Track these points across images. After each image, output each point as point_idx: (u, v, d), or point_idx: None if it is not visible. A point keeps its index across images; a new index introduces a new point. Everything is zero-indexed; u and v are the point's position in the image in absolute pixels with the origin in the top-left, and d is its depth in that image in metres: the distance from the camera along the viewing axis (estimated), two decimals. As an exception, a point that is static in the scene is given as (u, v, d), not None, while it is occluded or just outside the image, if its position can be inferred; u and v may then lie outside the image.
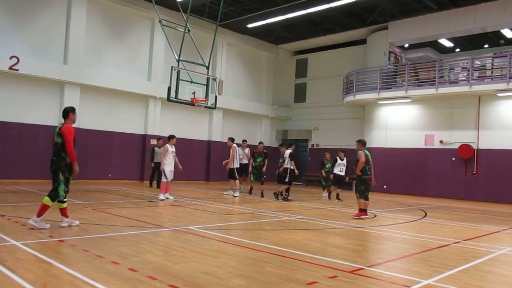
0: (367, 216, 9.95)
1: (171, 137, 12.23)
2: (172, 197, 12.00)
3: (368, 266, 5.14)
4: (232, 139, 14.62)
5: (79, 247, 5.39)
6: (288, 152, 13.56)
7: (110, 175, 18.29)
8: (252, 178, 14.94)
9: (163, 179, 12.00)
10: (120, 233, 6.55)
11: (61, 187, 6.58)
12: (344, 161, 14.57)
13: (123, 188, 15.43)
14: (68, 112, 7.08)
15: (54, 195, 6.54)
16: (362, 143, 10.44)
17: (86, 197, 11.67)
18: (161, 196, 11.77)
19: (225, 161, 14.71)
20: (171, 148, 11.99)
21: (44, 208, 6.47)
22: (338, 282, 4.37)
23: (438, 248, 6.63)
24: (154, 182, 15.94)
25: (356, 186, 10.10)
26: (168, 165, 11.92)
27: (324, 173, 15.56)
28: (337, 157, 14.69)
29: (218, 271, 4.59)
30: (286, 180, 13.50)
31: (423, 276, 4.78)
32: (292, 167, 13.48)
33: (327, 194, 15.39)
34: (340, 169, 14.52)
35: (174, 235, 6.66)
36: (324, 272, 4.74)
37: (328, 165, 15.33)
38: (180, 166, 12.29)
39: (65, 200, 6.69)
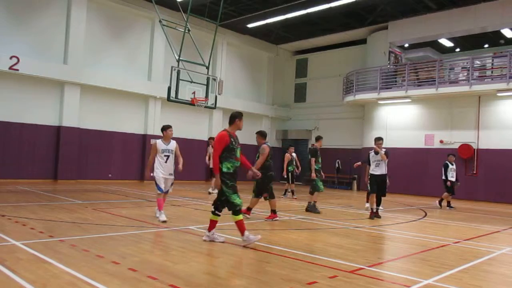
0: (277, 218, 8.93)
1: (164, 128, 8.35)
2: (163, 217, 7.93)
3: (368, 266, 5.14)
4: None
5: (79, 247, 5.39)
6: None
7: (110, 175, 18.29)
8: (321, 187, 11.00)
9: (157, 191, 8.10)
10: (120, 233, 6.55)
11: (232, 197, 5.94)
12: (454, 166, 13.53)
13: (123, 188, 15.43)
14: (235, 118, 6.32)
15: (233, 208, 5.95)
16: (262, 135, 9.14)
17: (86, 197, 11.68)
18: (161, 216, 7.95)
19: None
20: (163, 145, 8.19)
21: (240, 224, 5.98)
22: (338, 282, 4.37)
23: (438, 248, 6.63)
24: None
25: (264, 185, 8.81)
26: (160, 169, 8.10)
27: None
28: (447, 162, 13.53)
29: (218, 271, 4.60)
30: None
31: (423, 276, 4.78)
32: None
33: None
34: (452, 174, 13.39)
35: (174, 235, 6.66)
36: (324, 272, 4.74)
37: None
38: (180, 167, 8.27)
39: (217, 212, 6.15)
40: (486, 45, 22.33)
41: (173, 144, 8.30)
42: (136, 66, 19.40)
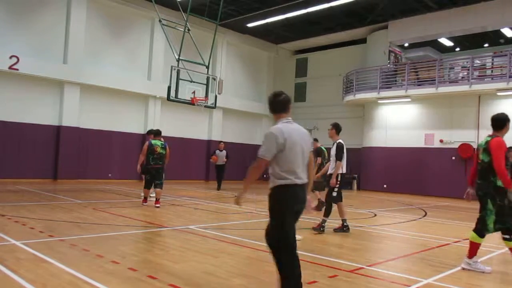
0: (146, 204, 10.32)
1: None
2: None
3: (368, 266, 5.14)
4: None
5: (79, 246, 5.39)
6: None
7: (110, 174, 18.28)
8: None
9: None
10: (120, 233, 6.55)
11: (490, 218, 5.16)
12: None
13: (123, 187, 15.42)
14: (506, 121, 5.29)
15: (481, 228, 5.22)
16: (151, 133, 10.73)
17: (86, 196, 11.68)
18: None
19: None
20: None
21: (473, 247, 5.21)
22: (338, 282, 4.37)
23: (438, 248, 6.63)
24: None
25: (144, 176, 10.55)
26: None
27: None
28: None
29: (218, 270, 4.59)
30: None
31: (423, 275, 4.79)
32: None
33: None
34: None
35: (174, 235, 6.66)
36: (324, 272, 4.74)
37: None
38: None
39: (484, 234, 5.23)
40: (486, 45, 22.32)
41: None
42: (136, 65, 19.39)
